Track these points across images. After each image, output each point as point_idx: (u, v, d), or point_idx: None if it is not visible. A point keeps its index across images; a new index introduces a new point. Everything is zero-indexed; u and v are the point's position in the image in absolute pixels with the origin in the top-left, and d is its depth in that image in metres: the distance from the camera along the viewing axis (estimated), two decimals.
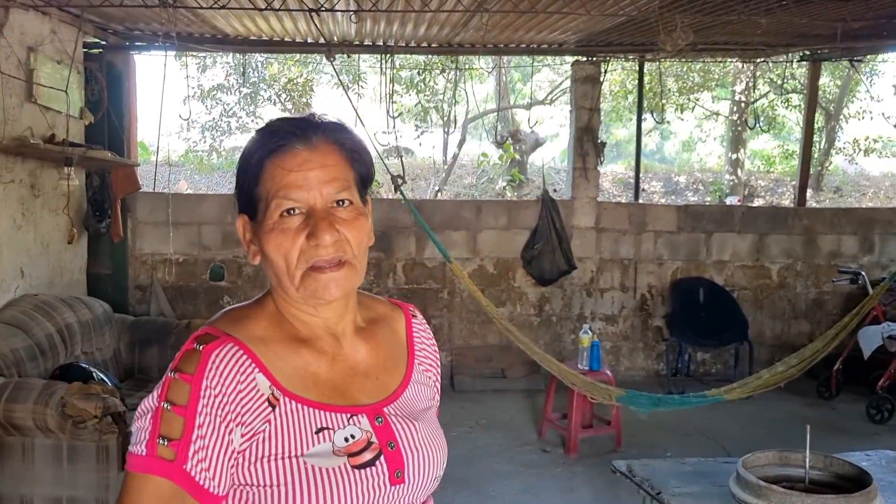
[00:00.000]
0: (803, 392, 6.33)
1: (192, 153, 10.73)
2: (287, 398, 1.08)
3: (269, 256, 1.11)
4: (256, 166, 1.11)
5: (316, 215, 1.09)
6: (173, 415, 1.02)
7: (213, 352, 1.06)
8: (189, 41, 6.07)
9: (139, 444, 1.03)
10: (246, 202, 1.13)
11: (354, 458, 1.08)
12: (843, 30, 4.55)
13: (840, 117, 11.79)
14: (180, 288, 6.55)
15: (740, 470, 2.56)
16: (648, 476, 3.06)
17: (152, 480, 1.01)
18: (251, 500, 1.07)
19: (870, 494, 2.40)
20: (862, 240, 7.17)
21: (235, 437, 1.05)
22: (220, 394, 1.04)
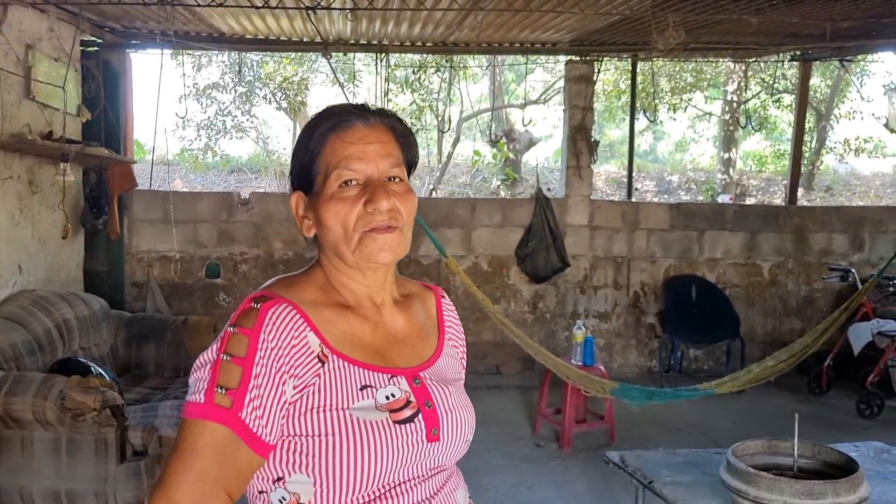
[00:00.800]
0: (795, 388, 6.40)
1: (187, 152, 10.76)
2: (335, 356, 1.17)
3: (326, 224, 1.21)
4: (318, 141, 1.22)
5: (373, 184, 1.19)
6: (232, 365, 1.10)
7: (270, 309, 1.14)
8: (185, 39, 6.11)
9: (198, 393, 1.10)
10: (303, 178, 1.24)
11: (395, 414, 1.16)
12: (833, 29, 4.62)
13: (831, 117, 11.89)
14: (176, 285, 6.58)
15: (730, 458, 2.62)
16: (640, 466, 3.12)
17: (209, 427, 1.09)
18: (299, 451, 1.14)
19: (856, 480, 2.46)
20: (852, 238, 7.25)
21: (288, 388, 1.12)
22: (276, 347, 1.12)
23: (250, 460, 1.11)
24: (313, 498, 1.14)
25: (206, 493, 1.08)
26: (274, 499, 1.16)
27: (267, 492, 1.17)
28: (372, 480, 1.14)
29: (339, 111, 1.24)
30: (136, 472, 3.63)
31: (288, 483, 1.15)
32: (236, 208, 6.64)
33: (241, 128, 10.23)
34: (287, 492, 1.15)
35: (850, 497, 2.42)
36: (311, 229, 1.25)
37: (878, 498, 2.73)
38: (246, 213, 6.64)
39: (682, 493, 2.83)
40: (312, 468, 1.13)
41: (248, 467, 1.12)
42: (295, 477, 1.14)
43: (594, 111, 6.98)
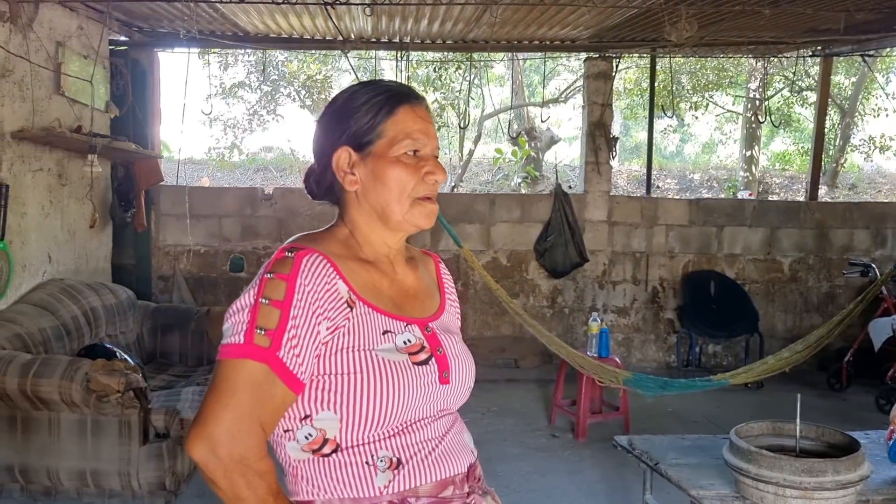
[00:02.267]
0: (814, 384, 6.39)
1: (214, 150, 10.94)
2: (361, 302, 1.28)
3: (386, 183, 1.32)
4: (391, 105, 1.32)
5: (432, 159, 1.34)
6: (270, 308, 1.19)
7: (304, 257, 1.24)
8: (211, 38, 6.25)
9: (237, 335, 1.19)
10: (361, 136, 1.32)
11: (413, 357, 1.29)
12: (848, 22, 4.62)
13: (855, 114, 11.77)
14: (201, 279, 6.73)
15: (733, 438, 2.67)
16: (648, 449, 3.17)
17: (248, 365, 1.17)
18: (327, 389, 1.24)
19: (857, 459, 2.50)
20: (874, 234, 7.20)
21: (322, 329, 1.22)
22: (311, 291, 1.22)
23: (285, 397, 1.20)
24: (338, 434, 1.24)
25: (243, 428, 1.16)
26: (300, 436, 1.26)
27: (293, 430, 1.26)
28: (392, 416, 1.24)
29: (407, 88, 1.37)
30: (159, 454, 3.75)
31: (315, 420, 1.24)
32: (260, 203, 6.77)
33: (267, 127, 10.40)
34: (314, 428, 1.25)
35: (850, 475, 2.46)
36: (354, 184, 1.34)
37: (882, 477, 2.76)
38: (269, 208, 6.77)
39: (687, 473, 2.88)
40: (339, 405, 1.23)
41: (282, 404, 1.21)
42: (322, 414, 1.24)
43: (612, 108, 7.01)
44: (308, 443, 1.25)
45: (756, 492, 2.53)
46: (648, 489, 3.26)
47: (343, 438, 1.25)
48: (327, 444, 1.25)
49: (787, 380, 6.00)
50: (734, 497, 2.66)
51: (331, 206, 1.42)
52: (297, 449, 1.27)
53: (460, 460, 1.34)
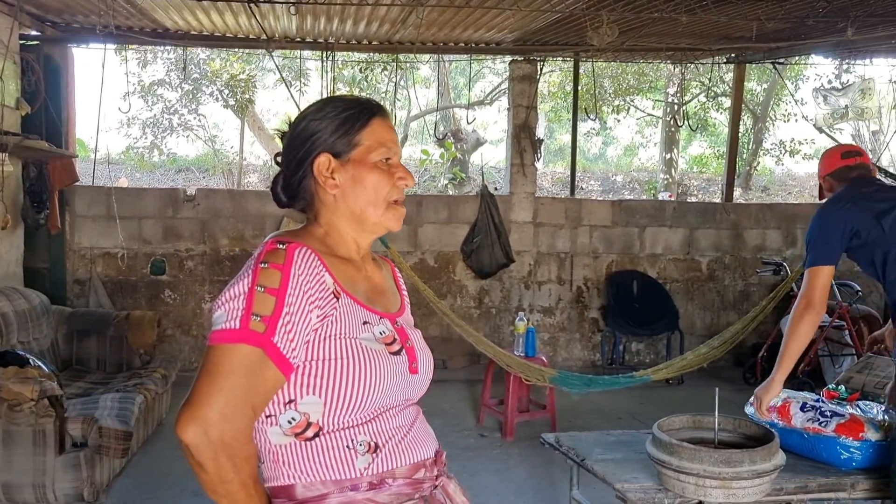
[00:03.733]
0: (731, 378, 6.63)
1: (132, 150, 10.61)
2: (345, 294, 1.37)
3: (365, 187, 1.42)
4: (366, 116, 1.44)
5: (402, 166, 1.46)
6: (266, 295, 1.26)
7: (296, 249, 1.32)
8: (128, 34, 6.07)
9: (232, 321, 1.25)
10: (340, 143, 1.42)
11: (389, 347, 1.39)
12: (760, 30, 4.83)
13: (767, 120, 12.28)
14: (120, 282, 6.52)
15: (656, 431, 2.74)
16: (574, 446, 3.23)
17: (243, 349, 1.23)
18: (313, 374, 1.31)
19: (771, 448, 2.60)
20: (785, 234, 7.52)
21: (313, 316, 1.30)
22: (305, 280, 1.30)
23: (276, 381, 1.27)
24: (321, 418, 1.31)
25: (235, 411, 1.22)
26: (283, 420, 1.32)
27: (275, 415, 1.32)
28: (371, 400, 1.33)
29: (373, 101, 1.48)
30: (76, 464, 3.62)
31: (299, 404, 1.31)
32: (182, 205, 6.61)
33: (189, 126, 10.14)
34: (297, 412, 1.31)
35: (766, 465, 2.55)
36: (334, 187, 1.42)
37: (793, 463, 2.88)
38: (192, 209, 6.61)
39: (612, 468, 2.94)
40: (324, 389, 1.30)
41: (273, 387, 1.28)
42: (307, 398, 1.31)
43: (538, 110, 7.12)
44: (291, 427, 1.31)
45: (678, 483, 2.61)
46: (575, 485, 3.32)
47: (325, 422, 1.31)
48: (310, 428, 1.31)
49: (706, 375, 6.22)
50: (657, 489, 2.73)
51: (297, 211, 1.50)
52: (279, 433, 1.32)
53: (428, 446, 1.46)
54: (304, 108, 1.53)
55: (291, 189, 1.47)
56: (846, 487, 2.87)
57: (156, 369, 4.88)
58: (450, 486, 1.49)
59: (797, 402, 3.11)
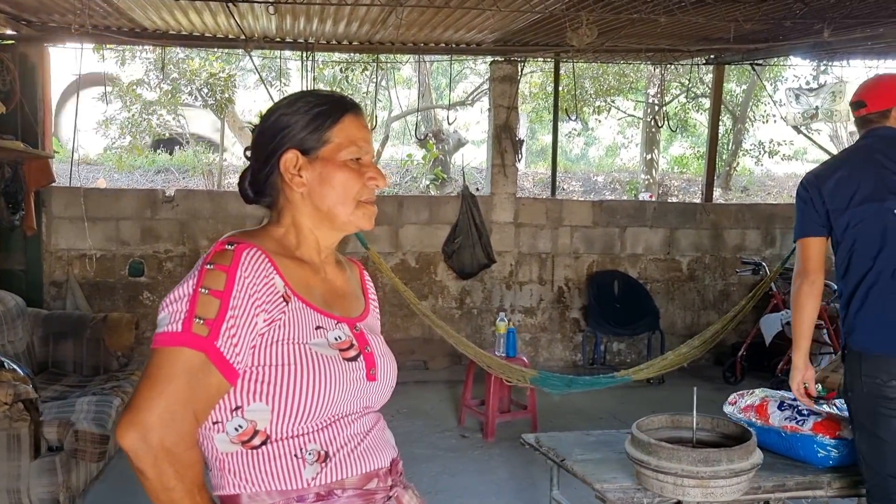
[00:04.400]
0: (711, 377, 6.66)
1: (110, 150, 10.50)
2: (296, 297, 1.32)
3: (334, 186, 1.37)
4: (337, 112, 1.39)
5: (373, 166, 1.42)
6: (210, 297, 1.22)
7: (245, 251, 1.28)
8: (105, 34, 6.01)
9: (174, 323, 1.21)
10: (309, 140, 1.37)
11: (344, 353, 1.34)
12: (737, 31, 4.86)
13: (746, 120, 12.38)
14: (98, 284, 6.45)
15: (635, 431, 2.75)
16: (554, 446, 3.24)
17: (185, 353, 1.20)
18: (260, 380, 1.27)
19: (749, 447, 2.62)
20: (764, 234, 7.57)
21: (260, 320, 1.26)
22: (251, 283, 1.25)
23: (220, 386, 1.23)
24: (269, 425, 1.27)
25: (176, 416, 1.18)
26: (230, 428, 1.28)
27: (222, 421, 1.28)
28: (322, 408, 1.28)
29: (346, 97, 1.44)
30: (51, 468, 3.57)
31: (246, 411, 1.27)
32: (160, 206, 6.55)
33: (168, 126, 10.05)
34: (244, 420, 1.27)
35: (743, 463, 2.57)
36: (301, 185, 1.37)
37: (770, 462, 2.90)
38: (171, 210, 6.56)
39: (591, 468, 2.96)
40: (272, 395, 1.26)
41: (216, 393, 1.23)
42: (254, 405, 1.27)
43: (518, 111, 7.13)
44: (238, 434, 1.27)
45: (656, 482, 2.62)
46: (555, 485, 3.33)
47: (273, 430, 1.27)
48: (257, 436, 1.27)
49: (686, 374, 6.25)
50: (636, 489, 2.74)
51: (263, 207, 1.46)
52: (225, 441, 1.28)
53: (384, 455, 1.40)
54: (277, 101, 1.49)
55: (258, 184, 1.42)
56: (823, 485, 2.90)
57: (133, 372, 4.83)
58: (405, 496, 1.44)
59: (775, 401, 3.14)
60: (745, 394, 3.31)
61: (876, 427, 2.56)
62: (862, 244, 2.63)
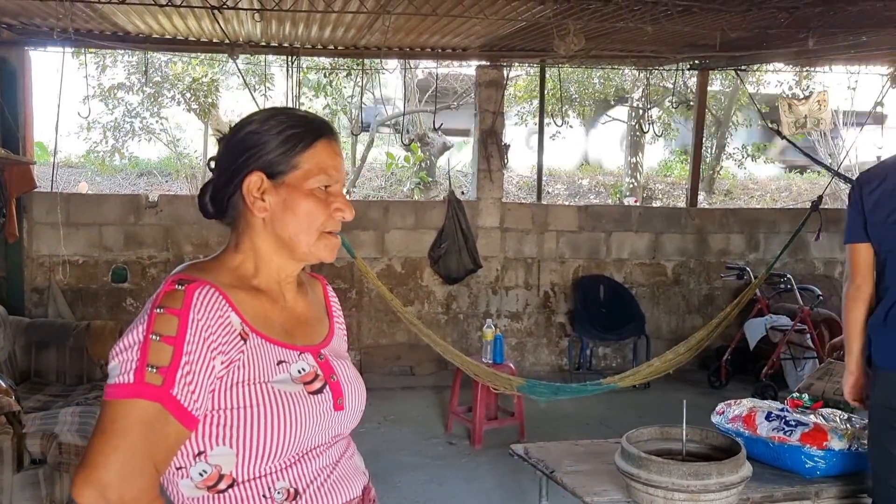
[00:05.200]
0: (696, 382, 6.70)
1: (93, 154, 10.40)
2: (254, 334, 1.26)
3: (297, 214, 1.30)
4: (310, 138, 1.32)
5: (341, 196, 1.34)
6: (162, 345, 1.16)
7: (196, 290, 1.21)
8: (88, 38, 5.95)
9: (125, 374, 1.15)
10: (277, 164, 1.30)
11: (308, 386, 1.29)
12: (723, 39, 4.89)
13: (729, 124, 12.47)
14: (80, 291, 6.38)
15: (624, 444, 2.74)
16: (543, 457, 3.22)
17: (139, 405, 1.14)
18: (222, 424, 1.22)
19: (738, 461, 2.62)
20: (748, 238, 7.61)
21: (217, 363, 1.20)
22: (205, 326, 1.19)
23: (179, 435, 1.18)
24: (234, 468, 1.22)
25: (135, 470, 1.13)
26: (194, 473, 1.23)
27: (186, 467, 1.23)
28: (289, 447, 1.24)
29: (321, 121, 1.38)
30: (34, 481, 3.53)
31: (210, 456, 1.22)
32: (144, 211, 6.49)
33: (150, 130, 9.97)
34: (208, 465, 1.22)
35: (733, 477, 2.57)
36: (263, 210, 1.31)
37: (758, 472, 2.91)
38: (154, 215, 6.50)
39: (581, 481, 2.94)
40: (235, 439, 1.21)
41: (175, 442, 1.18)
42: (217, 450, 1.22)
43: (504, 116, 7.13)
44: (203, 479, 1.22)
45: (646, 496, 2.61)
46: (545, 496, 3.31)
47: (239, 473, 1.23)
48: (223, 480, 1.23)
49: (672, 379, 6.26)
50: (626, 502, 2.74)
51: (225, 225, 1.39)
52: (190, 486, 1.23)
53: (355, 484, 1.37)
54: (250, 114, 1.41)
55: (220, 202, 1.35)
56: (811, 496, 2.91)
57: None
58: None
59: (762, 411, 3.14)
60: (732, 403, 3.31)
61: (885, 439, 2.62)
62: (892, 262, 2.65)
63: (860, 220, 2.72)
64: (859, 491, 2.95)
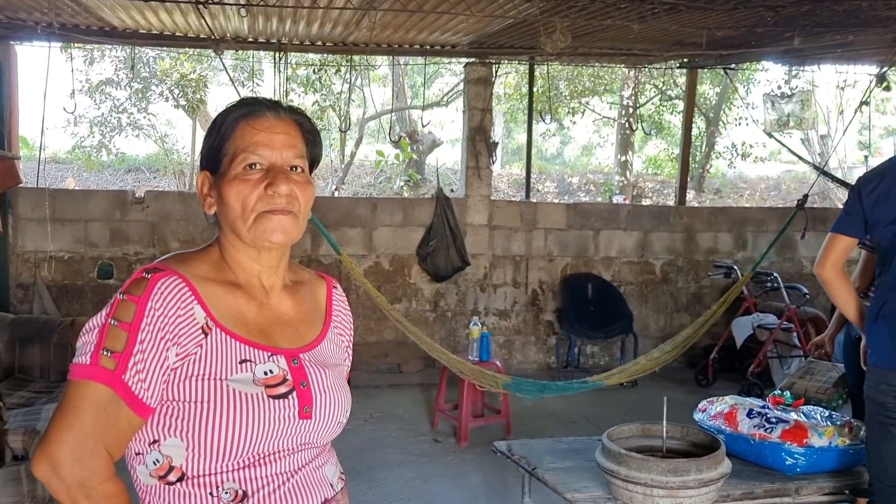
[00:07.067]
0: (684, 380, 6.71)
1: (80, 149, 10.35)
2: (218, 329, 1.25)
3: (227, 202, 1.28)
4: (230, 125, 1.30)
5: (275, 170, 1.28)
6: (119, 330, 1.18)
7: (160, 280, 1.22)
8: (74, 32, 5.91)
9: (84, 355, 1.18)
10: (211, 158, 1.31)
11: (271, 389, 1.25)
12: (710, 38, 4.89)
13: (719, 123, 12.50)
14: (66, 287, 6.35)
15: (605, 441, 2.75)
16: (526, 454, 3.22)
17: (92, 387, 1.16)
18: (175, 415, 1.22)
19: (717, 457, 2.62)
20: (736, 237, 7.63)
21: (171, 354, 1.20)
22: (162, 315, 1.20)
23: (130, 421, 1.19)
24: (184, 462, 1.22)
25: (86, 451, 1.15)
26: (149, 461, 1.23)
27: (143, 454, 1.24)
28: (242, 449, 1.21)
29: (252, 101, 1.33)
30: (16, 478, 3.49)
31: (162, 446, 1.22)
32: (130, 207, 6.46)
33: (138, 125, 9.92)
34: (161, 454, 1.22)
35: (712, 473, 2.58)
36: (212, 207, 1.32)
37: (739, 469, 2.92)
38: (141, 211, 6.47)
39: (563, 477, 2.95)
40: (186, 433, 1.21)
41: (127, 427, 1.19)
42: (169, 441, 1.22)
43: (493, 113, 7.13)
44: (156, 468, 1.23)
45: (626, 493, 2.62)
46: (527, 492, 3.32)
47: (189, 467, 1.22)
48: (173, 472, 1.22)
49: (659, 377, 6.27)
50: (606, 498, 2.74)
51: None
52: (146, 473, 1.24)
53: (312, 496, 1.32)
54: None
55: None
56: (791, 493, 2.92)
57: None
58: None
59: (744, 408, 3.15)
60: (714, 401, 3.32)
61: (872, 432, 2.74)
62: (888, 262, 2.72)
63: (859, 217, 2.79)
64: (840, 488, 2.97)
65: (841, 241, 2.85)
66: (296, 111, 1.37)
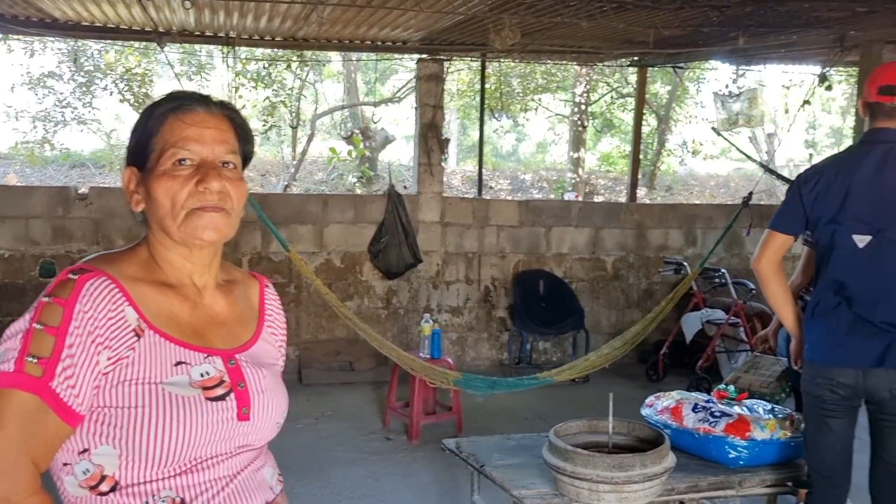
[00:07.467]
0: (634, 375, 6.78)
1: (22, 145, 10.06)
2: (151, 331, 1.20)
3: (156, 199, 1.23)
4: (158, 119, 1.25)
5: (206, 165, 1.23)
6: (44, 335, 1.11)
7: (88, 281, 1.16)
8: (12, 24, 5.73)
9: (6, 363, 1.10)
10: (138, 154, 1.26)
11: (208, 392, 1.21)
12: (658, 37, 4.95)
13: (670, 121, 12.69)
14: (6, 286, 6.16)
15: (552, 437, 2.75)
16: (474, 451, 3.22)
17: (17, 396, 1.09)
18: (107, 422, 1.16)
19: (662, 452, 2.65)
20: (686, 233, 7.74)
21: (102, 359, 1.15)
22: (91, 318, 1.14)
23: (59, 430, 1.13)
24: (118, 470, 1.16)
25: (10, 463, 1.09)
26: (78, 471, 1.17)
27: (71, 464, 1.17)
28: (178, 454, 1.17)
29: (182, 95, 1.28)
30: None
31: (93, 455, 1.16)
32: (74, 204, 6.30)
33: (83, 120, 9.67)
34: (91, 464, 1.16)
35: (656, 468, 2.60)
36: (139, 204, 1.27)
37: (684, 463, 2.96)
38: (84, 208, 6.31)
39: (511, 474, 2.95)
40: (119, 440, 1.15)
41: (56, 437, 1.13)
42: (101, 449, 1.16)
43: (444, 109, 7.11)
44: (85, 478, 1.17)
45: (572, 489, 2.63)
46: (476, 490, 3.31)
47: (122, 476, 1.17)
48: (105, 482, 1.17)
49: (611, 373, 6.33)
50: (553, 495, 2.75)
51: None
52: (75, 485, 1.18)
53: (253, 499, 1.28)
54: None
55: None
56: (734, 485, 2.97)
57: None
58: None
59: (689, 403, 3.19)
60: (661, 396, 3.36)
61: (808, 423, 2.83)
62: (826, 260, 2.77)
63: (797, 215, 2.82)
64: (782, 480, 3.02)
65: (777, 238, 2.87)
66: (227, 106, 1.32)
